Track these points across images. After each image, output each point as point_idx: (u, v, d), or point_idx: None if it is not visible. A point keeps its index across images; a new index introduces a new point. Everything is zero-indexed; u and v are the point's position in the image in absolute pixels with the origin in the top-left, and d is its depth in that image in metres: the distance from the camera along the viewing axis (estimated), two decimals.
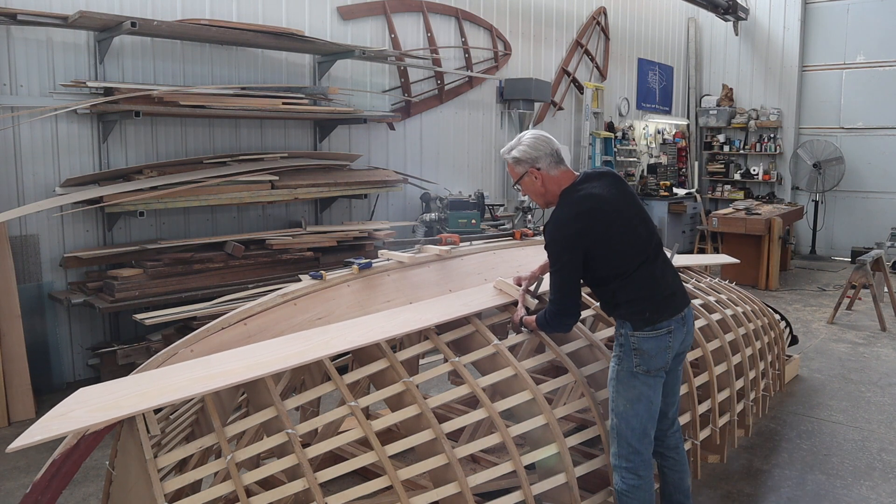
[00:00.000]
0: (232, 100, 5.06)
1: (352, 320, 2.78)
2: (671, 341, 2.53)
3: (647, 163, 11.32)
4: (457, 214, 6.42)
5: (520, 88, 8.10)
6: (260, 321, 2.68)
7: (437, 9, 7.34)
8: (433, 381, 4.51)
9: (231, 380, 2.21)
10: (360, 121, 6.11)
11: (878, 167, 10.75)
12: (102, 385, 2.28)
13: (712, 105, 12.03)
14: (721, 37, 12.01)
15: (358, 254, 5.69)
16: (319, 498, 2.14)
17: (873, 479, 3.65)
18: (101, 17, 4.43)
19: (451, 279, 3.28)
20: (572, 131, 9.70)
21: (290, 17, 5.98)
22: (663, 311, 2.52)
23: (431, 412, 2.46)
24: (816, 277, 9.52)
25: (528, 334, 2.89)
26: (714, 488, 3.53)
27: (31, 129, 4.60)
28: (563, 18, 9.27)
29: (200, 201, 4.96)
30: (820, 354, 5.90)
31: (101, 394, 2.17)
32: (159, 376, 2.28)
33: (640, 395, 2.52)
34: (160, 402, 2.11)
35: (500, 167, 8.42)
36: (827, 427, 4.34)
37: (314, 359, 2.41)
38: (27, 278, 4.63)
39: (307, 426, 2.39)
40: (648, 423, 2.54)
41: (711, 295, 3.98)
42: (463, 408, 3.86)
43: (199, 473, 2.23)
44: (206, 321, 3.92)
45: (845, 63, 10.92)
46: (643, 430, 2.53)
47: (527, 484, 2.47)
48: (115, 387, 2.25)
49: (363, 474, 3.01)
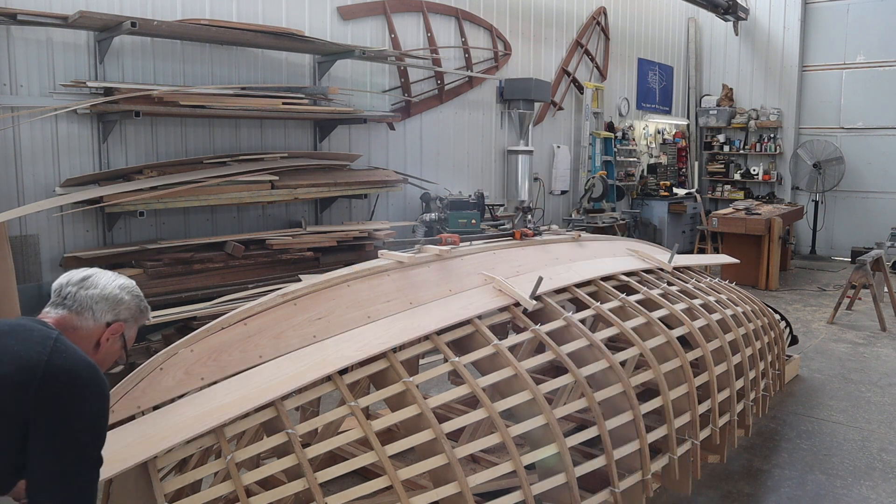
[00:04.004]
0: (232, 100, 5.06)
1: (349, 332, 2.77)
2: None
3: (647, 163, 11.32)
4: (457, 214, 6.42)
5: (520, 88, 8.09)
6: (260, 321, 2.67)
7: (437, 9, 7.34)
8: (433, 381, 4.51)
9: (229, 414, 2.24)
10: (360, 121, 6.11)
11: (878, 167, 10.74)
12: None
13: (712, 105, 12.02)
14: (721, 37, 12.01)
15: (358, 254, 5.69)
16: (319, 498, 2.14)
17: (873, 479, 3.65)
18: (101, 17, 4.43)
19: (451, 279, 3.28)
20: (572, 131, 9.70)
21: (290, 17, 5.97)
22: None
23: (431, 412, 2.46)
24: (816, 277, 9.52)
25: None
26: (714, 488, 3.53)
27: (31, 129, 4.60)
28: (563, 18, 9.26)
29: (200, 201, 4.96)
30: (820, 354, 5.90)
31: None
32: (160, 417, 2.27)
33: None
34: (164, 447, 2.12)
35: (500, 167, 8.42)
36: (827, 427, 4.34)
37: (311, 381, 2.42)
38: (27, 278, 4.62)
39: (307, 426, 2.39)
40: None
41: (711, 295, 3.97)
42: (463, 408, 3.86)
43: (199, 473, 2.23)
44: (206, 321, 3.92)
45: (845, 63, 10.92)
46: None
47: (527, 484, 2.47)
48: (116, 436, 2.15)
49: (363, 474, 3.01)
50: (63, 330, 1.77)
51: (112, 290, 1.86)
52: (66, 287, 1.83)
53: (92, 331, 1.83)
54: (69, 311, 1.81)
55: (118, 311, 1.87)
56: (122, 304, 1.87)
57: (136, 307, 1.92)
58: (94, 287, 1.84)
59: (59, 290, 1.84)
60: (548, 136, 9.20)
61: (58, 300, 1.83)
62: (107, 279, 1.88)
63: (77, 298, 1.82)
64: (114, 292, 1.86)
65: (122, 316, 1.88)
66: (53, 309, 1.83)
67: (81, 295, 1.81)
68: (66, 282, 1.84)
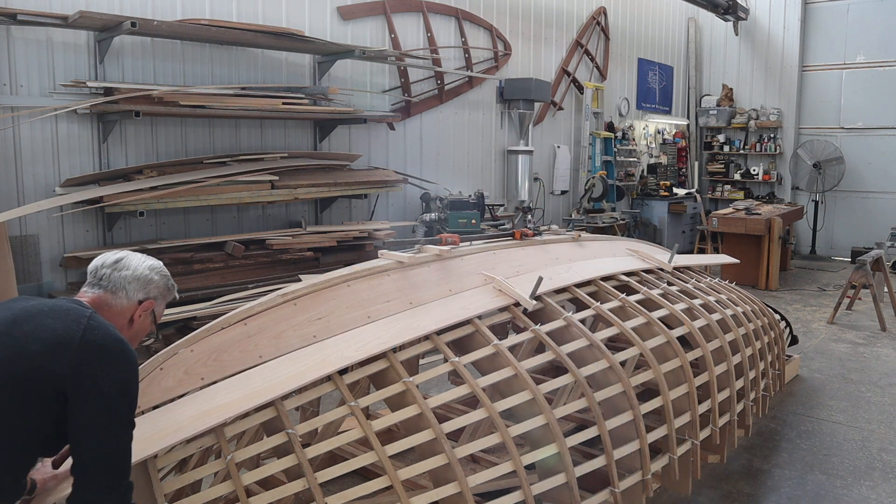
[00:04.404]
0: (232, 100, 5.06)
1: (349, 332, 2.76)
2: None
3: (647, 163, 11.32)
4: (457, 214, 6.42)
5: (520, 88, 8.09)
6: (260, 321, 2.67)
7: (437, 9, 7.34)
8: (433, 381, 4.51)
9: (229, 414, 2.25)
10: (360, 121, 6.11)
11: (878, 167, 10.74)
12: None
13: (712, 105, 12.02)
14: (721, 37, 12.01)
15: (358, 254, 5.70)
16: (319, 498, 2.14)
17: (873, 479, 3.65)
18: (101, 17, 4.43)
19: (451, 279, 3.27)
20: (572, 131, 9.70)
21: (290, 17, 5.98)
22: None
23: (431, 412, 2.46)
24: (816, 277, 9.52)
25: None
26: (714, 488, 3.53)
27: (31, 129, 4.60)
28: (563, 18, 9.26)
29: (200, 201, 4.96)
30: (820, 354, 5.90)
31: None
32: (160, 416, 2.27)
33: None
34: (164, 446, 2.12)
35: (500, 167, 8.42)
36: (827, 427, 4.34)
37: (311, 381, 2.42)
38: (27, 278, 4.62)
39: (307, 426, 2.39)
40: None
41: (711, 295, 3.97)
42: (463, 408, 3.86)
43: (199, 473, 2.23)
44: (206, 321, 3.92)
45: (845, 63, 10.92)
46: None
47: (527, 484, 2.47)
48: None
49: (363, 474, 3.01)
50: (99, 308, 1.94)
51: (143, 271, 2.04)
52: (102, 269, 2.01)
53: (126, 308, 2.01)
54: (105, 290, 1.99)
55: (148, 289, 2.05)
56: (152, 283, 2.05)
57: (165, 286, 2.10)
58: (126, 269, 2.02)
59: (95, 272, 2.01)
60: (548, 136, 9.21)
61: (94, 280, 2.01)
62: (138, 261, 2.06)
63: (112, 279, 2.00)
64: (144, 273, 2.04)
65: (151, 294, 2.05)
66: (91, 289, 2.00)
67: (115, 276, 1.99)
68: (100, 264, 2.02)
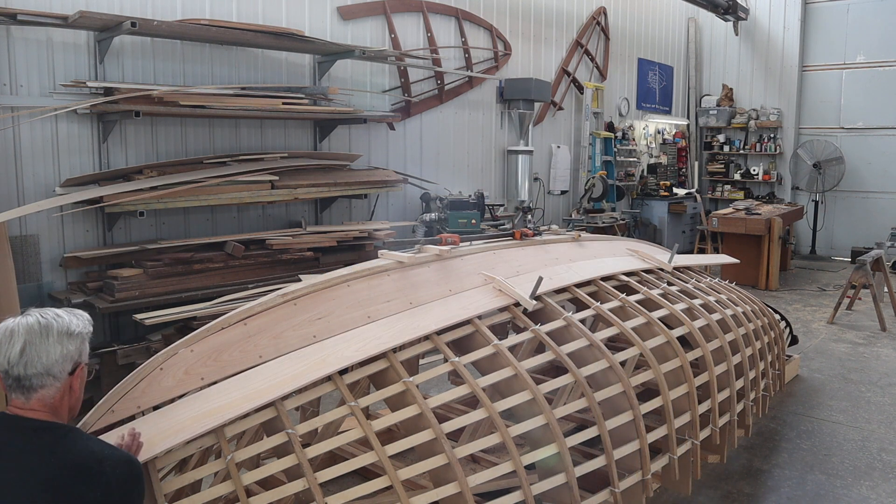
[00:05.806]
0: (232, 100, 5.06)
1: (349, 332, 2.76)
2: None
3: (647, 163, 11.32)
4: (457, 214, 6.41)
5: (520, 88, 8.10)
6: (260, 321, 2.67)
7: (437, 9, 7.34)
8: (433, 381, 4.51)
9: (229, 414, 2.24)
10: (360, 121, 6.11)
11: (878, 167, 10.74)
12: (103, 438, 2.19)
13: (712, 105, 12.03)
14: (721, 37, 12.01)
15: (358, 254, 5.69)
16: (319, 498, 2.14)
17: (873, 479, 3.65)
18: (101, 17, 4.43)
19: (451, 279, 3.28)
20: (572, 131, 9.70)
21: (290, 17, 5.98)
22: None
23: (431, 412, 2.46)
24: (816, 277, 9.52)
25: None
26: (714, 488, 3.53)
27: (31, 129, 4.60)
28: (563, 18, 9.26)
29: (200, 201, 4.96)
30: (820, 354, 5.90)
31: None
32: (160, 417, 2.27)
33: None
34: (164, 447, 2.12)
35: (500, 167, 8.42)
36: (827, 427, 4.34)
37: (311, 381, 2.42)
38: (27, 278, 4.62)
39: (307, 426, 2.39)
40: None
41: (711, 295, 3.97)
42: (463, 408, 3.86)
43: (199, 473, 2.23)
44: (206, 321, 3.92)
45: (845, 63, 10.92)
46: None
47: (527, 484, 2.47)
48: (116, 436, 2.14)
49: (363, 474, 3.01)
50: (44, 407, 1.75)
51: (54, 350, 1.77)
52: (14, 370, 1.74)
53: (62, 388, 1.79)
54: (34, 390, 1.75)
55: (71, 358, 1.80)
56: (70, 352, 1.80)
57: (81, 337, 1.84)
58: (37, 358, 1.74)
59: (7, 375, 1.74)
60: (548, 136, 9.21)
61: (14, 385, 1.75)
62: (39, 339, 1.76)
63: (32, 378, 1.74)
64: (57, 353, 1.77)
65: (76, 358, 1.82)
66: (21, 395, 1.75)
67: (33, 372, 1.74)
68: (7, 366, 1.74)
